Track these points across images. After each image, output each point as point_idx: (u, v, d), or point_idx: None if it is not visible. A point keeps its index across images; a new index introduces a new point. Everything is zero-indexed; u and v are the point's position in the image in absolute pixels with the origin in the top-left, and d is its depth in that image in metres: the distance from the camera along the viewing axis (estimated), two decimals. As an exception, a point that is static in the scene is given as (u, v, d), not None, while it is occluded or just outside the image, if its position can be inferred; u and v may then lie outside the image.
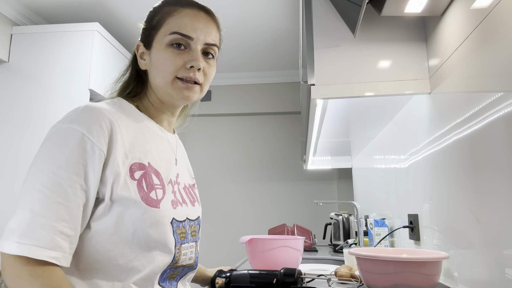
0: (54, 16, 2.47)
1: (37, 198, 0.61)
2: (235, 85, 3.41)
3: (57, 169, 0.63)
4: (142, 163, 0.72)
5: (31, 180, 0.63)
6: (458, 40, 0.92)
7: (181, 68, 0.75)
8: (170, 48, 0.76)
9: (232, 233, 3.17)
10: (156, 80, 0.78)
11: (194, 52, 0.76)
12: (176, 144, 0.89)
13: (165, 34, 0.76)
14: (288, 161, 3.32)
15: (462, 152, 0.91)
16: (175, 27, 0.76)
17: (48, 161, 0.64)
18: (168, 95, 0.78)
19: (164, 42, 0.76)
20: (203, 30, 0.77)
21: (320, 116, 1.44)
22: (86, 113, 0.68)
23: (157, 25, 0.78)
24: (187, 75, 0.76)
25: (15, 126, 2.20)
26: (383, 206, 1.82)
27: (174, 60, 0.75)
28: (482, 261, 0.82)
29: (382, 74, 1.14)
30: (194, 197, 0.88)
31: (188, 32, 0.76)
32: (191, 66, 0.75)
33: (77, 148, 0.64)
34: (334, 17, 1.17)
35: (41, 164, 0.64)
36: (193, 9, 0.78)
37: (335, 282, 1.12)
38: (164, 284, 0.74)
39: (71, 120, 0.67)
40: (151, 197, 0.70)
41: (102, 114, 0.68)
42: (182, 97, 0.77)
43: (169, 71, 0.75)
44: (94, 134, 0.66)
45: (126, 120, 0.73)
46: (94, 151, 0.65)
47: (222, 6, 2.33)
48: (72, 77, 2.21)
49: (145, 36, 0.81)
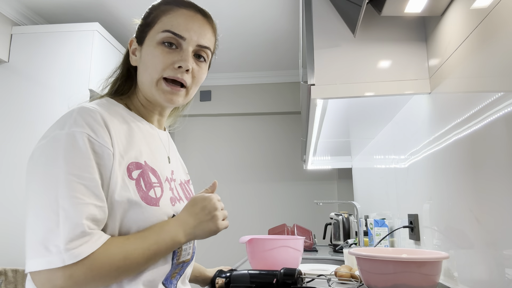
0: (54, 16, 2.47)
1: (68, 205, 0.59)
2: (235, 85, 3.41)
3: (77, 174, 0.61)
4: (138, 162, 0.72)
5: (49, 194, 0.60)
6: (458, 40, 0.92)
7: (168, 67, 0.74)
8: (161, 46, 0.75)
9: (232, 233, 3.17)
10: (142, 77, 0.77)
11: (184, 53, 0.75)
12: (168, 141, 0.88)
13: (157, 32, 0.75)
14: (288, 161, 3.32)
15: (462, 152, 0.91)
16: (168, 26, 0.75)
17: (64, 170, 0.61)
18: (152, 95, 0.77)
19: (155, 39, 0.75)
20: (197, 31, 0.76)
21: (320, 116, 1.44)
22: (84, 116, 0.66)
23: (151, 22, 0.78)
24: (174, 75, 0.74)
25: (15, 126, 2.20)
26: (383, 206, 1.82)
27: (163, 58, 0.74)
28: (482, 261, 0.82)
29: (382, 74, 1.14)
30: (190, 193, 0.88)
31: (180, 32, 0.74)
32: (179, 66, 0.74)
33: (88, 151, 0.63)
34: (334, 17, 1.17)
35: (56, 175, 0.61)
36: (190, 10, 0.78)
37: (335, 282, 1.12)
38: (166, 283, 0.74)
39: (71, 124, 0.65)
40: (150, 196, 0.70)
41: (98, 115, 0.68)
42: (166, 100, 0.76)
43: (157, 69, 0.74)
44: (99, 135, 0.65)
45: (116, 120, 0.72)
46: (103, 151, 0.65)
47: (222, 6, 2.33)
48: (72, 77, 2.21)
49: (139, 32, 0.80)
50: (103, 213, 0.63)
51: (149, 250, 0.65)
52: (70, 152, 0.62)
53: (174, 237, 0.69)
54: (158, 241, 0.67)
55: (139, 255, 0.64)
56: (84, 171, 0.62)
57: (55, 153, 0.62)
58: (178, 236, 0.70)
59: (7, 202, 2.13)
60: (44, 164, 0.62)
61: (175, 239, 0.69)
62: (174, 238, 0.69)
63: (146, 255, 0.65)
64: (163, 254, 0.69)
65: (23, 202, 2.11)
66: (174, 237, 0.69)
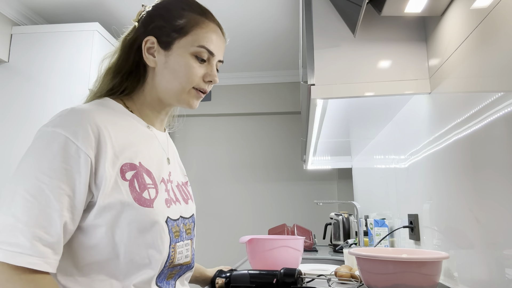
0: (54, 16, 2.47)
1: (19, 204, 0.61)
2: (235, 85, 3.41)
3: (40, 174, 0.62)
4: (133, 163, 0.72)
5: (14, 185, 0.63)
6: (458, 40, 0.92)
7: (200, 80, 0.79)
8: (194, 59, 0.78)
9: (232, 233, 3.17)
10: (169, 83, 0.78)
11: (213, 68, 0.81)
12: (167, 142, 0.88)
13: (192, 44, 0.78)
14: (288, 161, 3.32)
15: (462, 152, 0.91)
16: (204, 41, 0.78)
17: (32, 166, 0.63)
18: (178, 100, 0.80)
19: (189, 50, 0.77)
20: (221, 48, 0.83)
21: (320, 116, 1.44)
22: (71, 117, 0.67)
23: (182, 29, 0.78)
24: (204, 87, 0.80)
25: (15, 126, 2.20)
26: (383, 206, 1.82)
27: (197, 72, 0.78)
28: (482, 261, 0.82)
29: (382, 74, 1.14)
30: (188, 194, 0.87)
31: (213, 50, 0.80)
32: (209, 81, 0.80)
33: (60, 153, 0.64)
34: (334, 17, 1.17)
35: (24, 169, 0.64)
36: (215, 25, 0.82)
37: (335, 282, 1.12)
38: (161, 284, 0.74)
39: (55, 124, 0.66)
40: (144, 197, 0.70)
41: (88, 117, 0.68)
42: (190, 104, 0.81)
43: (190, 80, 0.78)
44: (79, 139, 0.65)
45: (114, 121, 0.72)
46: (79, 155, 0.64)
47: (222, 6, 2.33)
48: (72, 77, 2.21)
49: (164, 35, 0.78)
50: (57, 218, 0.62)
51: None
52: (42, 151, 0.64)
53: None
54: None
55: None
56: (46, 173, 0.63)
57: (31, 149, 0.66)
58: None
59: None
60: (22, 157, 0.66)
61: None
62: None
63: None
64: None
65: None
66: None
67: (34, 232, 0.60)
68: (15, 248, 0.58)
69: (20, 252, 0.58)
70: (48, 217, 0.61)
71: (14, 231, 0.59)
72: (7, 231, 0.59)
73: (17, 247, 0.58)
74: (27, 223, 0.60)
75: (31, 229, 0.60)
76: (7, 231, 0.59)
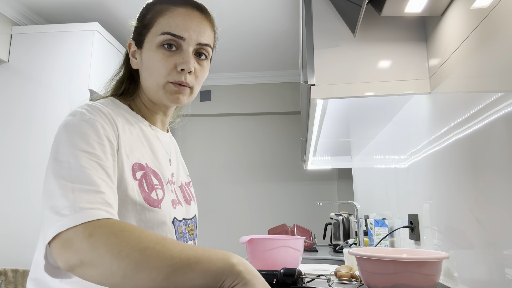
0: (54, 16, 2.47)
1: (72, 172, 0.57)
2: (235, 85, 3.41)
3: (92, 151, 0.60)
4: (141, 164, 0.72)
5: (63, 168, 0.58)
6: (458, 40, 0.92)
7: (172, 71, 0.73)
8: (161, 49, 0.73)
9: (232, 233, 3.17)
10: (147, 82, 0.76)
11: (185, 54, 0.73)
12: (170, 143, 0.88)
13: (156, 34, 0.73)
14: (288, 161, 3.32)
15: (462, 152, 0.91)
16: (166, 27, 0.73)
17: (77, 147, 0.60)
18: (159, 98, 0.76)
19: (155, 42, 0.73)
20: (196, 29, 0.74)
21: (320, 116, 1.44)
22: (93, 111, 0.67)
23: (148, 24, 0.76)
24: (179, 79, 0.73)
25: (15, 126, 2.20)
26: (383, 206, 1.82)
27: (165, 63, 0.72)
28: (482, 261, 0.82)
29: (382, 74, 1.13)
30: (190, 195, 0.87)
31: (179, 32, 0.72)
32: (182, 69, 0.73)
33: (91, 131, 0.63)
34: (334, 17, 1.17)
35: (69, 152, 0.59)
36: (186, 7, 0.75)
37: (335, 282, 1.12)
38: None
39: (82, 113, 0.65)
40: (152, 198, 0.70)
41: (105, 112, 0.68)
42: (172, 100, 0.75)
43: (160, 74, 0.73)
44: (105, 127, 0.65)
45: (122, 120, 0.72)
46: (109, 139, 0.65)
47: (222, 6, 2.33)
48: (72, 77, 2.21)
49: (137, 34, 0.78)
50: (113, 195, 0.60)
51: (190, 250, 0.53)
52: (86, 131, 0.62)
53: (225, 254, 0.56)
54: (205, 249, 0.55)
55: (176, 248, 0.52)
56: (98, 150, 0.61)
57: (69, 135, 0.61)
58: (230, 256, 0.56)
59: (8, 202, 2.13)
60: (58, 145, 0.61)
61: (226, 258, 0.55)
62: (225, 255, 0.55)
63: (185, 254, 0.52)
64: (205, 268, 0.52)
65: (23, 202, 2.11)
66: (225, 254, 0.56)
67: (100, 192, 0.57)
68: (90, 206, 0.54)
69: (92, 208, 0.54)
70: (103, 175, 0.59)
71: (83, 196, 0.55)
72: (75, 200, 0.55)
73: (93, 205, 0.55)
74: (92, 183, 0.57)
75: (96, 189, 0.57)
76: (75, 200, 0.54)
